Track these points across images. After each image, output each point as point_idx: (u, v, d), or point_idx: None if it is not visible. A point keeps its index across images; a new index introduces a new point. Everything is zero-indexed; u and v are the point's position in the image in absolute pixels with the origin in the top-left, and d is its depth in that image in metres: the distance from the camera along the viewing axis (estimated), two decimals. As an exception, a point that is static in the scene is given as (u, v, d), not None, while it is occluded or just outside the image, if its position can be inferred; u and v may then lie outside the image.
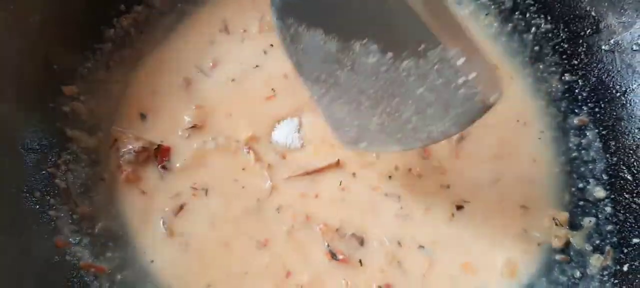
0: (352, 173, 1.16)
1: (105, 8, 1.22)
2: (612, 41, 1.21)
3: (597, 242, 1.11)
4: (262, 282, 1.06)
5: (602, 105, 1.21)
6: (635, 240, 1.07)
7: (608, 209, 1.13)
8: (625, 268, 1.06)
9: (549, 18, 1.29)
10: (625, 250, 1.07)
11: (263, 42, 1.28)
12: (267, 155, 1.17)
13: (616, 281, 1.05)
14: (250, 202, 1.12)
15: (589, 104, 1.22)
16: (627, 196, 1.12)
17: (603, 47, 1.22)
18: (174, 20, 1.29)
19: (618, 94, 1.19)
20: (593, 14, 1.23)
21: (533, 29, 1.31)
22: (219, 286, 1.05)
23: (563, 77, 1.26)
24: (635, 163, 1.13)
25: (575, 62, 1.26)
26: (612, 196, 1.13)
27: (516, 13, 1.32)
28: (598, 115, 1.21)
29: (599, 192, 1.15)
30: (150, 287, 1.04)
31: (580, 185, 1.17)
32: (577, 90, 1.25)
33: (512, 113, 1.24)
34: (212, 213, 1.11)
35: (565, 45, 1.27)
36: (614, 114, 1.19)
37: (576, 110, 1.24)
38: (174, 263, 1.06)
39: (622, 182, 1.13)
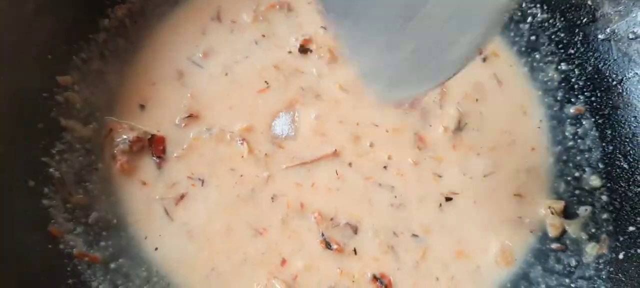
0: (348, 163, 1.15)
1: (100, -2, 1.23)
2: (608, 30, 1.20)
3: (593, 230, 1.11)
4: (259, 269, 1.06)
5: (599, 94, 1.20)
6: (631, 228, 1.07)
7: (604, 198, 1.13)
8: (621, 256, 1.06)
9: (545, 7, 1.29)
10: (621, 238, 1.07)
11: (254, 33, 1.28)
12: (263, 145, 1.16)
13: (612, 269, 1.05)
14: (245, 191, 1.12)
15: (586, 93, 1.22)
16: (623, 185, 1.11)
17: (599, 36, 1.22)
18: (167, 10, 1.29)
19: (614, 83, 1.18)
20: (589, 2, 1.23)
21: (529, 18, 1.30)
22: (221, 272, 1.06)
23: (559, 67, 1.26)
24: (631, 152, 1.12)
25: (572, 51, 1.25)
26: (608, 185, 1.13)
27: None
28: (594, 104, 1.20)
29: (595, 181, 1.14)
30: (145, 274, 1.04)
31: (577, 174, 1.17)
32: (573, 80, 1.24)
33: (512, 102, 1.25)
34: (211, 202, 1.11)
35: (562, 35, 1.27)
36: (611, 102, 1.18)
37: (573, 100, 1.23)
38: (178, 251, 1.07)
39: (618, 170, 1.13)
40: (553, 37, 1.28)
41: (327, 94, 1.22)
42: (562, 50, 1.26)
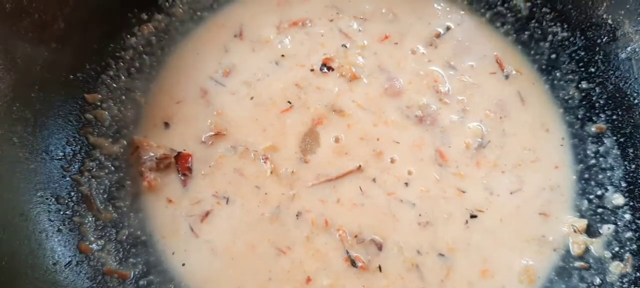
0: (372, 178, 1.16)
1: (128, 17, 1.25)
2: (629, 49, 1.21)
3: (616, 249, 1.11)
4: (284, 287, 1.07)
5: (620, 113, 1.21)
6: (655, 247, 1.07)
7: (627, 216, 1.13)
8: (645, 275, 1.06)
9: (565, 26, 1.30)
10: (645, 258, 1.08)
11: (276, 51, 1.30)
12: (288, 163, 1.17)
13: (636, 288, 1.06)
14: (270, 208, 1.13)
15: (607, 112, 1.23)
16: (646, 203, 1.12)
17: (620, 55, 1.22)
18: (191, 27, 1.31)
19: (636, 102, 1.19)
20: (609, 21, 1.24)
21: (549, 37, 1.31)
22: (247, 290, 1.07)
23: (580, 85, 1.27)
24: (654, 171, 1.13)
25: (592, 69, 1.26)
26: (631, 203, 1.14)
27: (532, 21, 1.33)
28: (616, 123, 1.21)
29: (618, 199, 1.15)
30: (174, 291, 1.05)
31: (599, 193, 1.17)
32: (594, 98, 1.25)
33: (535, 120, 1.25)
34: (236, 220, 1.12)
35: (582, 53, 1.28)
36: (632, 121, 1.19)
37: (594, 118, 1.24)
38: (205, 268, 1.08)
39: (640, 189, 1.14)
40: (573, 55, 1.29)
41: (348, 112, 1.23)
42: (583, 69, 1.27)
